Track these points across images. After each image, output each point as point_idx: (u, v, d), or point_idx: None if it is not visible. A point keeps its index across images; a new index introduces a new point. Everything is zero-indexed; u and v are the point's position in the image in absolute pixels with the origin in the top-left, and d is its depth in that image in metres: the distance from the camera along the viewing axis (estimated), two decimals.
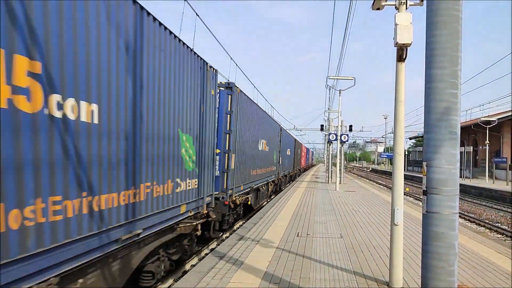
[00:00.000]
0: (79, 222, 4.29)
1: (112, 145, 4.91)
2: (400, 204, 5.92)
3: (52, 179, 3.85)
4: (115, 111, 4.94)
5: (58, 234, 3.95)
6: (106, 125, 4.74)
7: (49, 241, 3.83)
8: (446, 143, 3.38)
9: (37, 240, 3.67)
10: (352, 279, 6.10)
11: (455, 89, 3.38)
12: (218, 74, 9.45)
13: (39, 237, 3.70)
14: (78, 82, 4.23)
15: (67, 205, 4.08)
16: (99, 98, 4.62)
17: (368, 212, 13.82)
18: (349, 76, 21.18)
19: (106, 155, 4.78)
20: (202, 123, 8.49)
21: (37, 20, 3.65)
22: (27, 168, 3.55)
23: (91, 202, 4.50)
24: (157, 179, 6.24)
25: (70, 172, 4.14)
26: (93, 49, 4.49)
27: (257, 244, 8.26)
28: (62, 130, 3.98)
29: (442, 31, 3.37)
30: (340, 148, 28.65)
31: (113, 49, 4.87)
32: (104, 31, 4.67)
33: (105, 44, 4.71)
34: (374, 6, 6.21)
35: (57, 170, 3.93)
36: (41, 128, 3.70)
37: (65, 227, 4.06)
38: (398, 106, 5.91)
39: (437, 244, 3.40)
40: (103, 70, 4.68)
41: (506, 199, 25.52)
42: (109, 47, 4.80)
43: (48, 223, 3.81)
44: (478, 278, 6.36)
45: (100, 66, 4.62)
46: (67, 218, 4.09)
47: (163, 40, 6.33)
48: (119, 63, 5.01)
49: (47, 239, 3.80)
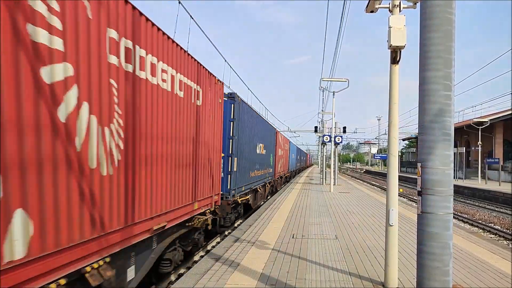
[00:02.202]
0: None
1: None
2: (395, 205, 5.96)
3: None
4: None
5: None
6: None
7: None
8: (440, 144, 3.42)
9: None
10: (347, 280, 6.13)
11: (449, 91, 3.42)
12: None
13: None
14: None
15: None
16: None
17: (362, 213, 13.88)
18: (343, 78, 21.22)
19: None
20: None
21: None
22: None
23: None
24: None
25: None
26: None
27: (253, 246, 8.28)
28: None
29: (436, 33, 3.41)
30: (334, 149, 28.76)
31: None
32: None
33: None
34: (368, 8, 6.26)
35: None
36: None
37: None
38: (392, 108, 5.96)
39: (432, 244, 3.43)
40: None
41: (498, 200, 25.76)
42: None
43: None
44: (473, 278, 6.42)
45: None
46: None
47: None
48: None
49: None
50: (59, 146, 3.92)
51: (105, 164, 4.72)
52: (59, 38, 3.92)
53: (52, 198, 3.82)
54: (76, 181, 4.18)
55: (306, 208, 15.12)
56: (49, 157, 3.78)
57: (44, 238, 3.72)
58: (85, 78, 4.33)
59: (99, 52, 4.59)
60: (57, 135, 3.90)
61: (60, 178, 3.93)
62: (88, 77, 4.39)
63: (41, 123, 3.69)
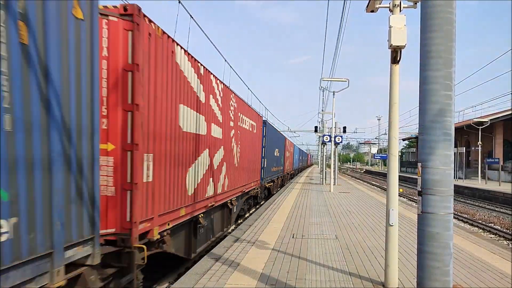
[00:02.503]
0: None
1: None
2: (395, 205, 5.95)
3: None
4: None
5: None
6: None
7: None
8: (441, 144, 3.42)
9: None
10: (347, 280, 6.13)
11: (449, 91, 3.42)
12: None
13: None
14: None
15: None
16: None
17: (362, 213, 13.87)
18: (343, 78, 21.24)
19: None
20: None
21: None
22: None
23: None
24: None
25: None
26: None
27: (253, 246, 8.27)
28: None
29: (436, 33, 3.41)
30: (334, 149, 28.75)
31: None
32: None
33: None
34: (368, 8, 6.26)
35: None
36: None
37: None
38: (392, 108, 5.96)
39: (432, 244, 3.43)
40: None
41: (498, 200, 25.75)
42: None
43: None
44: (473, 278, 6.41)
45: None
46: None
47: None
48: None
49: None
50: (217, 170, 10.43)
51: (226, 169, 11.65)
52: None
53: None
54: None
55: (306, 208, 15.12)
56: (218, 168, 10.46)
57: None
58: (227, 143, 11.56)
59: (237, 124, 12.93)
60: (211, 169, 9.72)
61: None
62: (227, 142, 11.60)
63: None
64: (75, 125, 4.19)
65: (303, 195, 20.79)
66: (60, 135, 3.93)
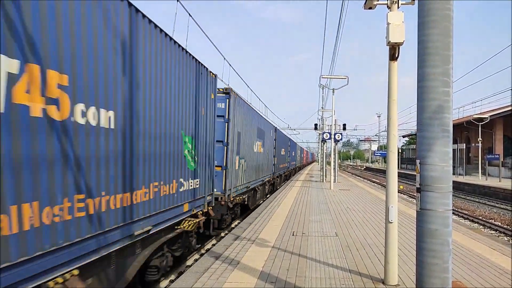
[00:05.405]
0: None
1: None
2: (394, 201, 5.96)
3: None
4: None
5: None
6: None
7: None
8: (439, 141, 3.42)
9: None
10: (347, 277, 6.13)
11: (447, 87, 3.41)
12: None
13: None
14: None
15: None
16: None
17: (362, 210, 13.88)
18: (342, 75, 21.22)
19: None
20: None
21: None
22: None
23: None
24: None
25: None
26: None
27: (253, 244, 8.28)
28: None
29: (434, 30, 3.40)
30: (334, 146, 28.74)
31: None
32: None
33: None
34: (366, 5, 6.24)
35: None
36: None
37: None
38: (391, 105, 5.95)
39: (431, 241, 3.43)
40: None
41: (499, 196, 25.75)
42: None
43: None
44: (473, 275, 6.42)
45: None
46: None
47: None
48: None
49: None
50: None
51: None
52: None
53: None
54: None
55: (306, 205, 15.13)
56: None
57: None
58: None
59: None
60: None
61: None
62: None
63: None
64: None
65: (303, 192, 20.79)
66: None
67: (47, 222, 3.84)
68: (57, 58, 3.99)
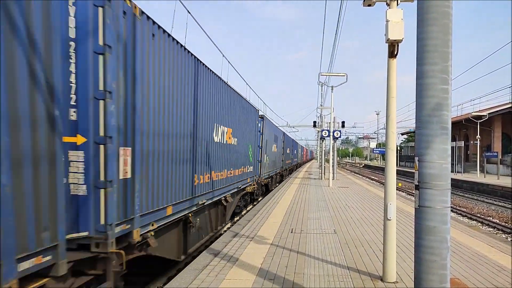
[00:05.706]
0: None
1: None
2: (393, 199, 5.96)
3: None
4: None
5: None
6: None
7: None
8: (438, 138, 3.42)
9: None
10: (346, 274, 6.15)
11: (446, 84, 3.41)
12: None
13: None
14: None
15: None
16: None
17: (361, 208, 13.91)
18: (341, 73, 21.25)
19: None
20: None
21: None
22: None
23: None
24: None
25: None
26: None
27: (252, 241, 8.29)
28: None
29: (433, 27, 3.40)
30: (333, 144, 28.74)
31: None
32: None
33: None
34: (365, 2, 6.23)
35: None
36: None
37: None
38: (390, 102, 5.95)
39: (429, 238, 3.43)
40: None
41: (497, 193, 25.82)
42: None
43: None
44: (471, 271, 6.44)
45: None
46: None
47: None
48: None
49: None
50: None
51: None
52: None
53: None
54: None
55: (305, 203, 15.15)
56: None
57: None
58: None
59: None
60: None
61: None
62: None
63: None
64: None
65: (302, 190, 20.82)
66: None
67: (207, 180, 9.63)
68: (226, 120, 11.50)
